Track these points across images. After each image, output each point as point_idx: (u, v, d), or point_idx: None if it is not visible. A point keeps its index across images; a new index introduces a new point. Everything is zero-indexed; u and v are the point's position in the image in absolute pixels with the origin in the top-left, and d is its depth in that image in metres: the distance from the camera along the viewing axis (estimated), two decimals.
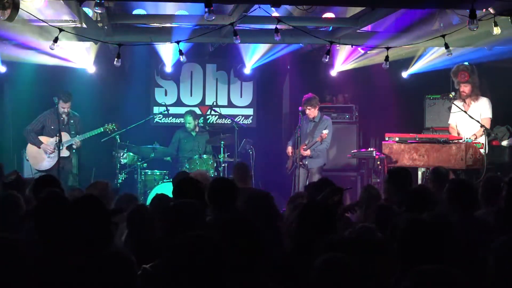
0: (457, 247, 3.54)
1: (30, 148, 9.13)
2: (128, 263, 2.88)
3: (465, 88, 8.44)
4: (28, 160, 9.28)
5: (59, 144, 8.67)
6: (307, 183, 9.31)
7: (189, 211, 3.71)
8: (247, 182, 6.49)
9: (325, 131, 9.19)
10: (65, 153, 9.02)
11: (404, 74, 10.24)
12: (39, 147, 9.03)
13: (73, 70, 9.96)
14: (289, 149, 9.60)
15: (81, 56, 9.76)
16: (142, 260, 3.41)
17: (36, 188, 5.10)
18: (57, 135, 8.72)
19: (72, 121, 9.12)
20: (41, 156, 9.06)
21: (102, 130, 9.28)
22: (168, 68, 10.42)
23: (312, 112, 9.43)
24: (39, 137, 9.12)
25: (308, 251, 3.58)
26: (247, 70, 10.71)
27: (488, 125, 8.26)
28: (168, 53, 9.96)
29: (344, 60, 10.04)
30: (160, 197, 4.93)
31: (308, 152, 9.30)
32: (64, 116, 9.10)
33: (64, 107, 9.05)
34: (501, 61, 9.21)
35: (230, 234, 3.14)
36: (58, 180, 5.50)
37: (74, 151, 9.54)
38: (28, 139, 9.15)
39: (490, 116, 8.43)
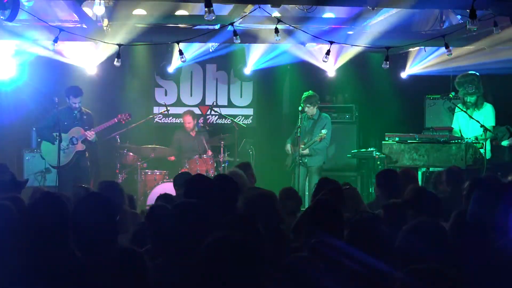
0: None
1: (45, 145, 8.98)
2: (139, 257, 2.89)
3: (471, 99, 8.44)
4: (43, 158, 9.21)
5: (59, 139, 8.61)
6: (307, 182, 9.34)
7: (192, 211, 3.71)
8: (251, 183, 6.44)
9: (324, 131, 9.19)
10: (81, 147, 8.94)
11: (403, 74, 10.23)
12: (54, 143, 8.84)
13: (74, 70, 9.96)
14: (288, 147, 9.61)
15: (83, 56, 9.78)
16: None
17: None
18: (59, 131, 8.66)
19: (85, 117, 9.08)
20: (56, 153, 8.80)
21: (116, 121, 9.20)
22: (171, 69, 10.43)
23: (311, 110, 9.44)
24: (53, 134, 8.93)
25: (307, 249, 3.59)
26: (247, 71, 10.72)
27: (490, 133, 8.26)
28: (171, 54, 9.96)
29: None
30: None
31: (306, 151, 9.30)
32: (76, 112, 9.04)
33: (75, 102, 8.97)
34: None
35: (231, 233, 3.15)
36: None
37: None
38: (42, 136, 9.01)
39: (494, 124, 8.43)
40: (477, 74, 8.49)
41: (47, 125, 8.92)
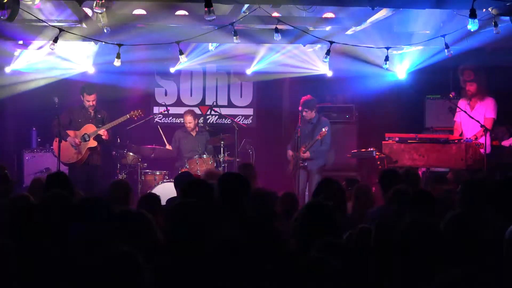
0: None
1: (57, 142, 8.88)
2: (136, 261, 2.89)
3: (471, 87, 8.45)
4: (55, 156, 9.19)
5: (60, 139, 8.57)
6: (307, 184, 9.33)
7: (193, 211, 3.72)
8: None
9: (324, 129, 9.17)
10: (92, 143, 8.93)
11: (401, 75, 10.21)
12: (66, 141, 8.83)
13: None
14: (289, 152, 9.58)
15: (80, 59, 9.81)
16: None
17: (46, 187, 5.15)
18: (58, 135, 8.63)
19: (99, 116, 9.08)
20: (68, 149, 8.85)
21: (128, 117, 9.21)
22: (173, 69, 10.41)
23: (309, 114, 9.41)
24: (66, 131, 8.91)
25: (308, 250, 3.59)
26: (247, 71, 10.72)
27: (490, 126, 8.27)
28: (172, 55, 9.95)
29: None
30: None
31: (307, 155, 9.28)
32: (90, 110, 9.03)
33: (89, 100, 8.97)
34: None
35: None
36: (68, 180, 5.46)
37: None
38: (55, 133, 8.93)
39: (494, 116, 8.44)
40: (478, 63, 8.52)
41: (62, 122, 8.88)
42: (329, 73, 10.33)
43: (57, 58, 9.62)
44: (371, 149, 9.06)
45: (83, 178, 8.77)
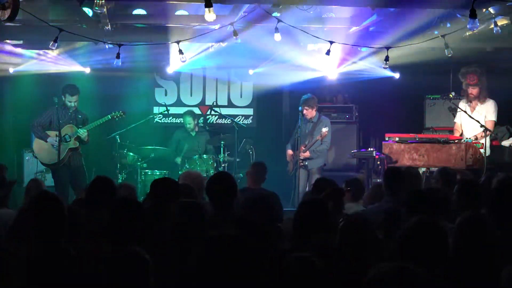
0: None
1: (37, 143, 8.82)
2: (143, 261, 2.89)
3: (473, 91, 8.43)
4: (36, 157, 9.14)
5: (59, 138, 8.56)
6: (308, 183, 9.33)
7: (190, 211, 3.73)
8: (259, 183, 6.54)
9: (324, 129, 9.17)
10: (73, 143, 8.78)
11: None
12: (46, 141, 8.72)
13: (72, 72, 10.03)
14: (289, 152, 9.57)
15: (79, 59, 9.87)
16: None
17: None
18: (58, 130, 8.61)
19: (80, 116, 9.03)
20: (48, 150, 8.72)
21: (110, 118, 9.08)
22: (171, 70, 10.42)
23: (310, 112, 9.41)
24: (46, 131, 8.79)
25: (304, 249, 3.60)
26: (247, 71, 10.72)
27: (491, 128, 8.26)
28: (172, 55, 9.96)
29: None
30: None
31: (307, 154, 9.27)
32: (71, 111, 8.92)
33: (71, 101, 8.86)
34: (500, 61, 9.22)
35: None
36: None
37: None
38: (35, 133, 8.86)
39: (494, 119, 8.42)
40: (480, 66, 8.50)
41: (41, 122, 8.84)
42: (330, 74, 10.32)
43: (56, 58, 9.64)
44: (371, 149, 9.06)
45: (67, 180, 8.72)
